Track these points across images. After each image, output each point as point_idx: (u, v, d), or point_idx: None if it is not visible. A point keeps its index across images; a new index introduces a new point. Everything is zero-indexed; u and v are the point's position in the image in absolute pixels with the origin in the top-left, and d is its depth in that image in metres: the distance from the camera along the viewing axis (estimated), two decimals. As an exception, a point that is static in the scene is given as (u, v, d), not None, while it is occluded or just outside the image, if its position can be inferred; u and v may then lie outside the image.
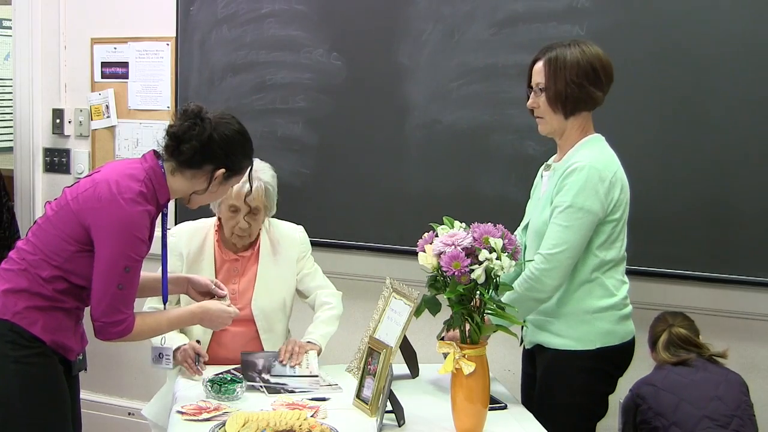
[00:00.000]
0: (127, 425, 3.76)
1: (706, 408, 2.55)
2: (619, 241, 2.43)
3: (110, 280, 2.15)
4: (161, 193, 2.26)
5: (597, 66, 2.40)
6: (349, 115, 3.42)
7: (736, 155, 2.89)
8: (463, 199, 3.19)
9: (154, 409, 2.75)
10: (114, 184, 2.17)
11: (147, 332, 2.31)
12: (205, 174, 2.28)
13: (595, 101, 2.43)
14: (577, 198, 2.32)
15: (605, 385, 2.48)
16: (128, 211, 2.15)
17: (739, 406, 2.58)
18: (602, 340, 2.39)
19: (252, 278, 2.79)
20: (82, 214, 2.17)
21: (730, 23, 2.86)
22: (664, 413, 2.59)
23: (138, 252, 2.18)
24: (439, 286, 2.09)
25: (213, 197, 2.38)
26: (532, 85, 2.46)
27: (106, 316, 2.17)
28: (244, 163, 2.35)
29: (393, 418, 2.20)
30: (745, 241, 2.89)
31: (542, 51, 2.45)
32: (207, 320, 2.42)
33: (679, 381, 2.62)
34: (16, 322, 2.17)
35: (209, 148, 2.25)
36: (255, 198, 2.67)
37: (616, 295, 2.41)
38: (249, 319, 2.76)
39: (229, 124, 2.31)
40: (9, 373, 2.16)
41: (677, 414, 2.56)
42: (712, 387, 2.60)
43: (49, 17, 3.98)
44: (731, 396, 2.59)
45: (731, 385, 2.63)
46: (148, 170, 2.24)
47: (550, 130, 2.47)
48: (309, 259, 2.92)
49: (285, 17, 3.49)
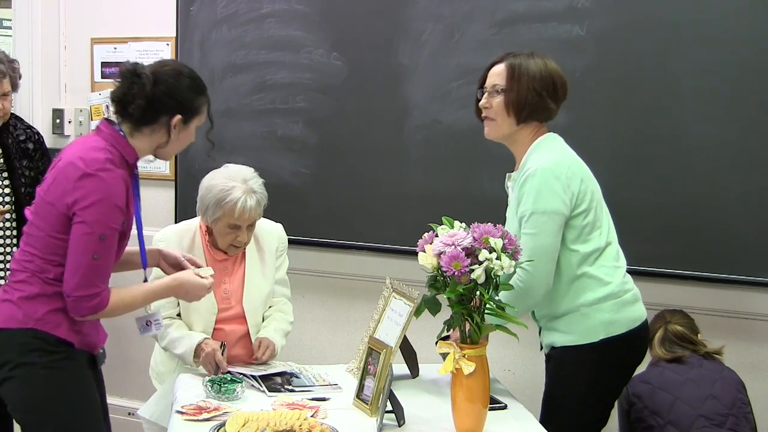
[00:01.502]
0: (127, 425, 3.75)
1: (702, 407, 2.55)
2: (596, 230, 2.41)
3: (85, 250, 2.11)
4: (127, 153, 2.22)
5: (557, 80, 2.43)
6: (349, 115, 3.43)
7: (736, 155, 2.89)
8: (463, 199, 3.19)
9: (153, 410, 2.75)
10: (79, 161, 2.14)
11: (122, 308, 2.23)
12: (163, 126, 2.25)
13: (549, 113, 2.45)
14: (538, 203, 2.32)
15: (615, 376, 2.48)
16: (101, 179, 2.12)
17: (735, 404, 2.58)
18: (605, 330, 2.38)
19: (241, 277, 2.81)
20: (59, 202, 2.14)
21: (731, 23, 2.86)
22: (659, 412, 2.59)
23: (114, 219, 2.14)
24: (439, 286, 2.09)
25: (181, 144, 2.33)
26: (487, 86, 2.46)
27: (79, 289, 2.12)
28: (198, 103, 2.30)
29: (393, 418, 2.19)
30: (745, 241, 2.89)
31: (504, 56, 2.46)
32: (182, 293, 2.38)
33: (675, 379, 2.62)
34: (39, 328, 2.16)
35: (156, 101, 2.21)
36: (254, 214, 2.68)
37: (610, 283, 2.40)
38: (240, 316, 2.78)
39: (169, 71, 2.26)
40: (39, 380, 2.16)
41: (672, 413, 2.56)
42: (707, 385, 2.60)
43: (49, 17, 3.99)
44: (727, 394, 2.60)
45: (727, 383, 2.63)
46: (107, 137, 2.21)
47: (498, 134, 2.47)
48: (284, 255, 2.95)
49: (285, 17, 3.49)
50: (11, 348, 2.17)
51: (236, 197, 2.63)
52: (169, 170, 3.88)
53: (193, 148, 3.64)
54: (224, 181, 2.67)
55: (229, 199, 2.63)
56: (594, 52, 3.02)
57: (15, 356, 2.16)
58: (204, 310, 2.73)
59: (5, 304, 2.20)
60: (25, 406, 2.18)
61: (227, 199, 2.63)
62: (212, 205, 2.66)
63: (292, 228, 3.05)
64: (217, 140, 3.57)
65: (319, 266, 3.60)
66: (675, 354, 2.69)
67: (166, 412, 2.49)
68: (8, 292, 2.22)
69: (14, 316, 2.17)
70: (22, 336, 2.16)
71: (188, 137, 2.34)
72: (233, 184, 2.65)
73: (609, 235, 2.45)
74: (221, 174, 2.72)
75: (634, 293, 2.46)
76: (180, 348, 2.65)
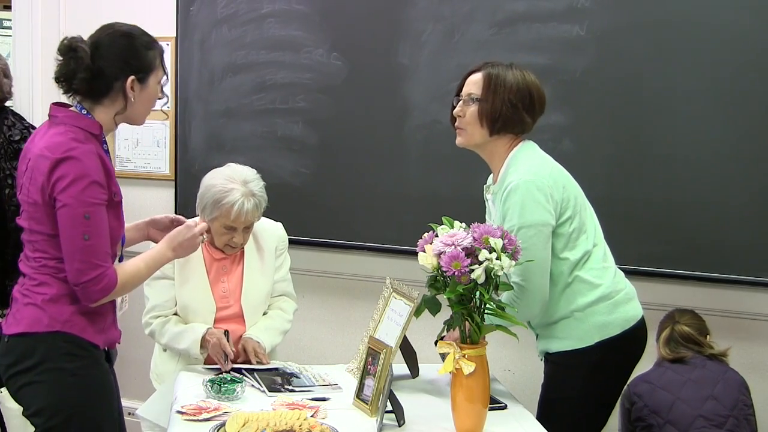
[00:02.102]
0: (127, 425, 3.74)
1: (701, 407, 2.55)
2: (582, 234, 2.40)
3: (74, 234, 2.07)
4: (88, 126, 2.15)
5: (534, 93, 2.40)
6: (349, 115, 3.43)
7: (736, 154, 2.89)
8: (463, 199, 3.18)
9: (152, 409, 2.75)
10: (45, 151, 2.09)
11: (130, 282, 2.19)
12: (119, 91, 2.17)
13: (524, 126, 2.41)
14: (524, 217, 2.30)
15: (611, 379, 2.47)
16: (72, 159, 2.07)
17: (736, 405, 2.58)
18: (600, 333, 2.38)
19: (240, 275, 2.81)
20: (41, 198, 2.10)
21: (730, 23, 2.86)
22: (659, 411, 2.59)
23: (94, 195, 2.08)
24: (439, 286, 2.09)
25: (146, 104, 2.24)
26: (463, 94, 2.44)
27: (82, 274, 2.08)
28: (148, 58, 2.21)
29: (393, 418, 2.19)
30: (745, 241, 2.89)
31: (482, 65, 2.44)
32: (178, 248, 2.32)
33: (676, 379, 2.62)
34: (67, 330, 2.14)
35: (101, 71, 2.15)
36: (250, 218, 2.67)
37: (601, 285, 2.39)
38: (239, 315, 2.79)
39: (108, 35, 2.19)
40: (67, 386, 2.14)
41: (672, 413, 2.56)
42: (708, 386, 2.60)
43: (49, 18, 3.98)
44: (728, 395, 2.59)
45: (729, 385, 2.62)
46: (62, 120, 2.16)
47: (469, 143, 2.45)
48: (285, 254, 2.94)
49: (285, 17, 3.49)
50: (38, 352, 2.13)
51: (234, 200, 2.61)
52: (169, 170, 3.88)
53: (193, 148, 3.68)
54: (224, 182, 2.66)
55: (227, 201, 2.62)
56: (594, 52, 3.03)
57: (43, 360, 2.13)
58: (203, 310, 2.73)
59: (29, 307, 2.16)
60: (52, 411, 2.14)
61: (224, 201, 2.62)
62: (210, 204, 2.65)
63: (292, 228, 3.05)
64: (217, 140, 3.63)
65: (319, 266, 3.60)
66: (678, 354, 2.69)
67: (166, 412, 2.49)
68: (29, 296, 2.17)
69: (40, 319, 2.14)
70: (51, 339, 2.13)
71: (151, 95, 2.24)
72: (232, 186, 2.64)
73: (596, 237, 2.44)
74: (222, 174, 2.71)
75: (626, 292, 2.45)
76: (184, 342, 2.66)
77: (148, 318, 2.74)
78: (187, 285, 2.75)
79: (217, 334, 2.62)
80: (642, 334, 2.49)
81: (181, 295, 2.75)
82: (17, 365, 2.15)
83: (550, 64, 3.06)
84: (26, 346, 2.14)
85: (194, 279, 2.75)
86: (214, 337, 2.61)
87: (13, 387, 2.19)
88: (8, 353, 2.17)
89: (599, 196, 2.57)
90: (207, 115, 3.61)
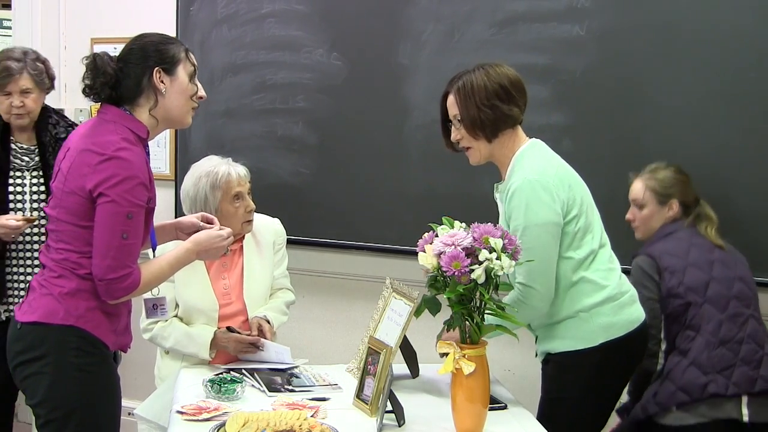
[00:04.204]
0: (127, 425, 3.74)
1: (734, 288, 2.62)
2: (588, 234, 2.40)
3: (113, 230, 2.08)
4: (137, 128, 2.18)
5: (506, 84, 2.38)
6: (349, 116, 3.43)
7: (736, 154, 2.89)
8: (463, 199, 3.19)
9: (151, 409, 2.75)
10: (94, 146, 2.11)
11: (153, 281, 2.21)
12: (150, 88, 2.19)
13: (514, 118, 2.40)
14: (529, 217, 2.30)
15: (613, 379, 2.47)
16: (122, 159, 2.09)
17: (752, 288, 2.69)
18: (604, 334, 2.38)
19: (240, 271, 2.83)
20: (80, 189, 2.11)
21: (730, 23, 2.86)
22: (695, 289, 2.62)
23: (139, 196, 2.11)
24: (439, 286, 2.09)
25: (179, 97, 2.23)
26: (451, 119, 2.44)
27: (111, 272, 2.09)
28: (172, 51, 2.23)
29: (393, 418, 2.19)
30: (745, 241, 2.89)
31: (450, 83, 2.44)
32: (203, 251, 2.32)
33: (703, 258, 2.66)
34: (80, 326, 2.15)
35: (127, 74, 2.18)
36: (245, 179, 2.81)
37: (607, 286, 2.39)
38: (242, 310, 2.80)
39: (133, 39, 2.23)
40: (72, 380, 2.15)
41: (708, 292, 2.61)
42: (732, 267, 2.68)
43: (49, 18, 3.99)
44: (748, 277, 2.70)
45: (745, 266, 2.73)
46: (114, 118, 2.17)
47: (480, 158, 2.45)
48: (283, 250, 2.98)
49: (285, 17, 3.49)
50: (49, 343, 2.15)
51: (224, 169, 2.77)
52: (169, 170, 3.88)
53: (194, 148, 3.68)
54: (203, 169, 2.78)
55: (221, 175, 2.75)
56: (594, 52, 3.03)
57: (52, 352, 2.14)
58: (206, 308, 2.74)
59: (46, 298, 2.17)
60: (54, 405, 2.16)
61: (219, 176, 2.74)
62: (209, 191, 2.73)
63: (291, 228, 3.05)
64: (217, 140, 3.63)
65: (319, 266, 3.60)
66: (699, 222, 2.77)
67: (165, 411, 2.49)
68: (46, 287, 2.18)
69: (56, 311, 2.15)
70: (63, 333, 2.14)
71: (184, 87, 2.24)
72: (212, 164, 2.78)
73: (602, 238, 2.44)
74: (195, 169, 2.81)
75: (630, 294, 2.46)
76: (191, 346, 2.69)
77: (146, 324, 2.75)
78: (188, 285, 2.75)
79: (227, 334, 2.67)
80: (644, 336, 2.50)
81: (183, 296, 2.75)
82: (26, 353, 2.17)
83: (550, 64, 3.07)
84: (37, 335, 2.16)
85: (195, 279, 2.75)
86: (227, 342, 2.66)
87: (20, 376, 2.20)
88: (19, 340, 2.19)
89: (599, 196, 2.56)
90: (207, 115, 3.61)
